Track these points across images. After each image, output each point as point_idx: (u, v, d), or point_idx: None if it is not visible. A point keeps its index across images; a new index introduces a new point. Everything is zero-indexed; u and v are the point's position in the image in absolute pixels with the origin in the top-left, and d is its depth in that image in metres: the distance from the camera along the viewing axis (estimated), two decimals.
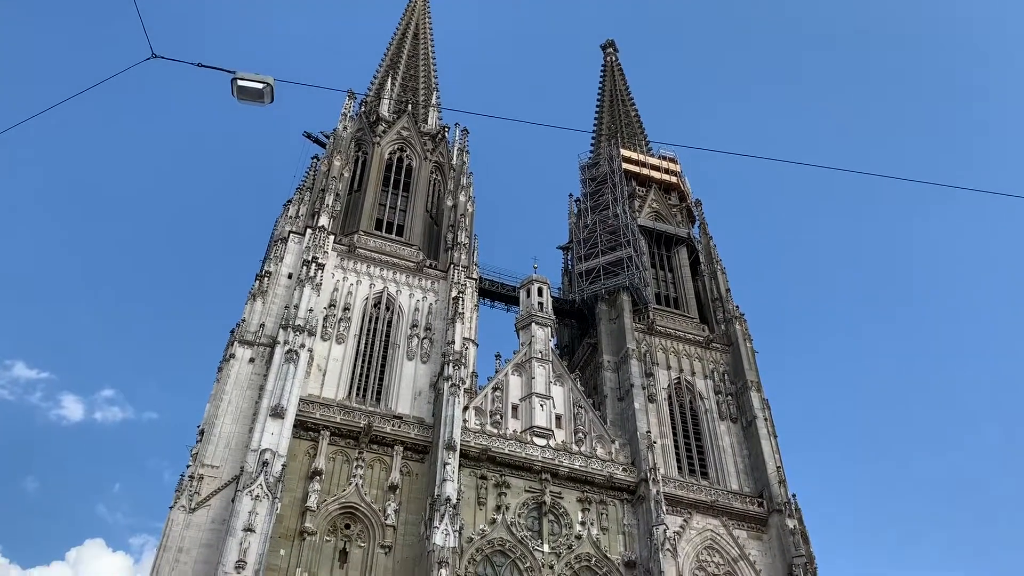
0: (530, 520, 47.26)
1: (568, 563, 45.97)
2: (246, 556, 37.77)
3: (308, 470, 44.59)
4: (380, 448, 46.90)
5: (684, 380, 58.12)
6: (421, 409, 49.61)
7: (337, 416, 47.05)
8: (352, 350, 51.47)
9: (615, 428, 53.46)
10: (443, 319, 54.24)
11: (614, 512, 49.17)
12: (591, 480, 49.61)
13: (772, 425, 55.88)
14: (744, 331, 61.08)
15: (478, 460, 47.95)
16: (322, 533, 42.86)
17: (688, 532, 49.31)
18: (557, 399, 53.17)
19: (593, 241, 63.96)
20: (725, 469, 53.82)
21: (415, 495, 45.48)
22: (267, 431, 42.68)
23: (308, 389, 47.66)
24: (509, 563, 45.09)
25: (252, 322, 50.00)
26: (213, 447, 43.85)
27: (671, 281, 66.72)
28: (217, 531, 40.27)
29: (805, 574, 47.27)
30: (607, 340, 59.18)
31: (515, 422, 51.24)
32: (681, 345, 60.19)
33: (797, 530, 49.54)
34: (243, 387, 46.75)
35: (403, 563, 42.83)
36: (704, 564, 48.65)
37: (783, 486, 51.91)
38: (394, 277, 56.20)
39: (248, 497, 39.66)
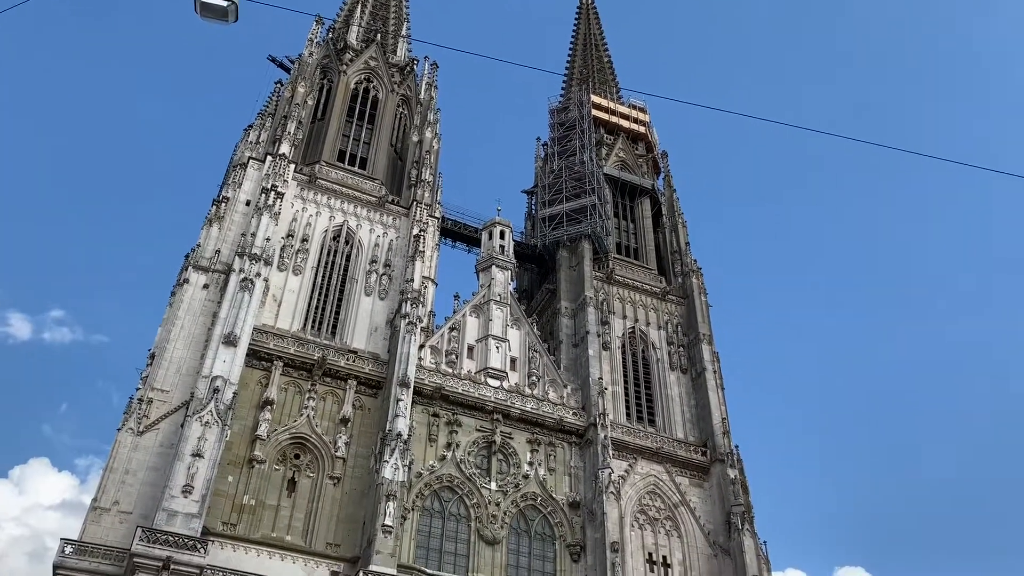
0: (479, 458, 47.98)
1: (514, 501, 46.92)
2: (194, 481, 37.82)
3: (259, 399, 44.52)
4: (333, 381, 46.93)
5: (639, 330, 58.90)
6: (377, 345, 49.59)
7: (291, 347, 46.84)
8: (309, 282, 51.01)
9: (568, 373, 54.15)
10: (403, 256, 53.92)
11: (562, 454, 50.12)
12: (541, 422, 50.38)
13: (720, 377, 57.17)
14: (700, 285, 61.90)
15: (431, 398, 48.31)
16: (271, 462, 43.04)
17: (632, 477, 50.55)
18: (513, 342, 53.55)
19: (558, 187, 63.77)
20: (672, 418, 55.04)
21: (366, 429, 45.77)
22: (219, 358, 42.38)
23: (262, 319, 47.27)
24: (457, 499, 45.86)
25: (207, 248, 49.15)
26: (164, 371, 43.43)
27: (633, 232, 67.08)
28: (165, 455, 40.16)
29: (742, 523, 48.90)
30: (566, 287, 59.53)
31: (470, 363, 51.57)
32: (638, 295, 60.83)
33: (737, 480, 51.08)
34: (196, 313, 46.18)
35: (351, 495, 43.30)
36: (646, 508, 50.04)
37: (727, 437, 53.33)
38: (355, 211, 55.52)
39: (198, 423, 39.54)
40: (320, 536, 41.61)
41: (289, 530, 41.38)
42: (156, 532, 35.78)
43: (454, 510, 45.53)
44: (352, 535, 41.89)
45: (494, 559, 44.30)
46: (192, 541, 36.08)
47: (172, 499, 37.19)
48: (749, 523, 49.17)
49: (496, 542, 44.82)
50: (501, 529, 45.45)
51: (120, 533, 37.72)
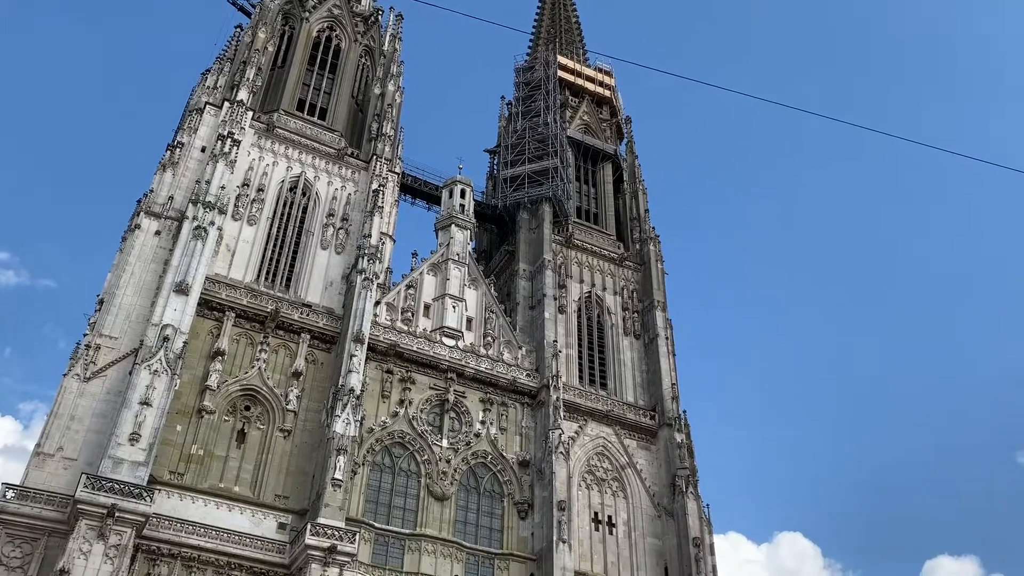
0: (432, 416, 48.20)
1: (465, 458, 47.34)
2: (141, 429, 37.38)
3: (210, 349, 43.99)
4: (286, 334, 46.53)
5: (595, 294, 59.34)
6: (331, 300, 49.20)
7: (244, 298, 46.23)
8: (264, 233, 50.22)
9: (524, 335, 54.45)
10: (361, 211, 53.31)
11: (514, 414, 50.59)
12: (495, 382, 50.70)
13: (672, 344, 58.02)
14: (657, 252, 62.43)
15: (385, 355, 48.23)
16: (221, 413, 42.70)
17: (582, 438, 51.31)
18: (470, 302, 53.57)
19: (521, 148, 63.41)
20: (624, 382, 55.82)
21: (319, 383, 45.59)
22: (170, 307, 41.68)
23: (215, 268, 46.50)
24: (408, 455, 46.11)
25: (160, 194, 47.97)
26: (112, 318, 42.56)
27: (593, 196, 67.20)
28: (112, 402, 39.54)
29: (687, 486, 50.07)
30: (525, 249, 59.57)
31: (426, 321, 51.51)
32: (596, 260, 61.17)
33: (684, 444, 52.19)
34: (147, 260, 45.19)
35: (301, 448, 43.24)
36: (594, 468, 50.91)
37: (676, 402, 54.33)
38: (313, 162, 54.58)
39: (146, 371, 38.96)
40: (269, 488, 41.56)
41: (237, 481, 41.23)
42: (101, 479, 35.34)
43: (404, 466, 45.79)
44: (301, 488, 41.92)
45: (443, 515, 44.77)
46: (138, 489, 35.74)
47: (118, 447, 36.73)
48: (693, 486, 50.36)
49: (445, 498, 45.27)
50: (451, 486, 45.87)
51: (64, 479, 37.20)
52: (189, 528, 38.06)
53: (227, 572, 37.99)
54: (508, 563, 45.11)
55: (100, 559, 33.92)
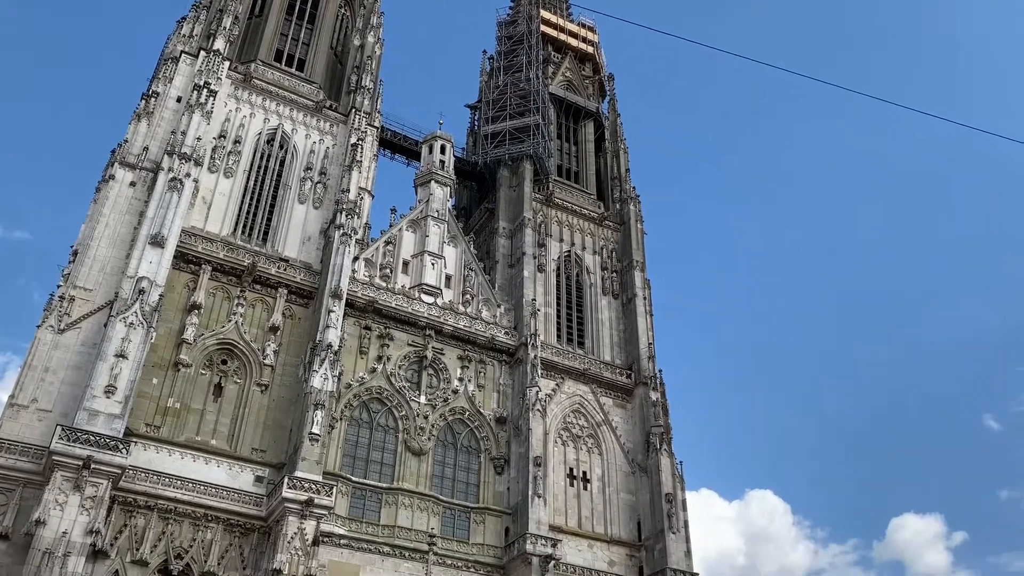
0: (410, 372, 48.34)
1: (442, 415, 47.65)
2: (116, 382, 37.19)
3: (186, 303, 43.68)
4: (263, 289, 46.27)
5: (574, 254, 59.40)
6: (309, 255, 48.87)
7: (220, 252, 45.80)
8: (240, 186, 49.59)
9: (502, 293, 54.50)
10: (339, 165, 52.73)
11: (492, 371, 50.86)
12: (473, 340, 50.85)
13: (650, 304, 58.38)
14: (637, 212, 62.45)
15: (364, 311, 48.13)
16: (197, 366, 42.55)
17: (559, 395, 51.77)
18: (449, 259, 53.43)
19: (502, 103, 62.78)
20: (601, 341, 56.21)
21: (296, 338, 45.49)
22: (145, 259, 41.21)
23: (191, 221, 45.96)
24: (385, 410, 46.31)
25: (135, 144, 47.07)
26: (87, 269, 42.01)
27: (574, 155, 66.86)
28: (87, 355, 39.23)
29: (661, 443, 50.81)
30: (505, 206, 59.33)
31: (405, 278, 51.36)
32: (576, 219, 61.09)
33: (659, 402, 52.84)
34: (122, 211, 44.51)
35: (279, 402, 43.29)
36: (570, 425, 51.48)
37: (652, 361, 54.84)
38: (291, 114, 53.76)
39: (122, 324, 38.63)
40: (246, 441, 41.65)
41: (214, 434, 41.26)
42: (76, 431, 35.22)
43: (382, 421, 46.02)
44: (278, 442, 42.05)
45: (420, 469, 45.17)
46: (114, 441, 35.67)
47: (94, 399, 36.56)
48: (667, 444, 51.11)
49: (422, 453, 45.63)
50: (428, 441, 46.21)
51: (38, 431, 37.02)
52: (166, 480, 38.14)
53: (204, 524, 38.21)
54: (484, 517, 45.73)
55: (76, 510, 33.96)
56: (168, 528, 37.46)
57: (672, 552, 46.82)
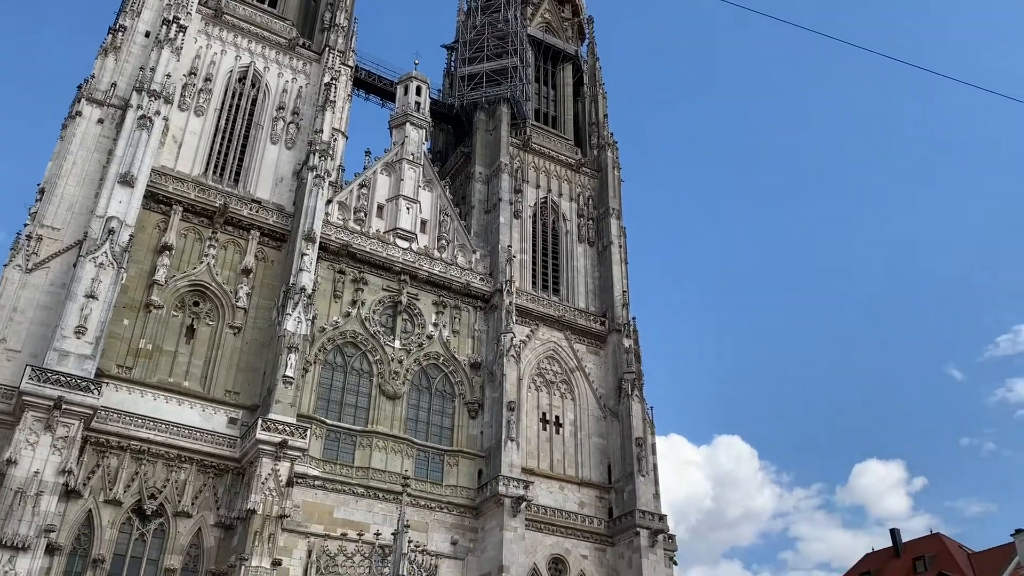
0: (384, 317, 48.29)
1: (417, 359, 47.81)
2: (87, 323, 36.77)
3: (157, 244, 43.07)
4: (236, 231, 45.70)
5: (551, 200, 59.17)
6: (282, 196, 48.22)
7: (192, 192, 45.05)
8: (212, 125, 48.57)
9: (478, 239, 54.32)
10: (312, 105, 51.74)
11: (467, 317, 50.96)
12: (448, 286, 50.80)
13: (625, 252, 58.58)
14: (614, 159, 62.16)
15: (338, 255, 47.79)
16: (169, 308, 42.17)
17: (533, 342, 52.11)
18: (424, 204, 52.99)
19: (479, 44, 61.68)
20: (576, 288, 56.44)
21: (269, 281, 45.15)
22: (115, 198, 40.40)
23: (161, 160, 45.05)
24: (360, 354, 46.36)
25: (103, 80, 45.71)
26: (54, 208, 41.12)
27: (552, 99, 66.11)
28: (56, 295, 38.66)
29: (632, 389, 51.52)
30: (481, 151, 58.74)
31: (379, 222, 50.92)
32: (553, 165, 60.71)
33: (631, 349, 53.41)
34: (90, 149, 43.43)
35: (252, 345, 43.14)
36: (544, 371, 51.95)
37: (626, 309, 55.25)
38: (263, 52, 52.46)
39: (91, 264, 38.03)
40: (219, 383, 41.56)
41: (187, 376, 41.12)
42: (47, 371, 34.89)
43: (356, 365, 46.09)
44: (252, 384, 42.03)
45: (394, 412, 45.46)
46: (85, 382, 35.40)
47: (64, 339, 36.16)
48: (639, 389, 51.82)
49: (397, 397, 45.88)
50: (403, 385, 46.43)
51: (8, 371, 36.62)
52: (138, 421, 38.06)
53: (177, 465, 38.30)
54: (458, 459, 46.31)
55: (47, 450, 33.85)
56: (141, 468, 37.51)
57: (641, 494, 47.84)
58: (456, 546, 43.91)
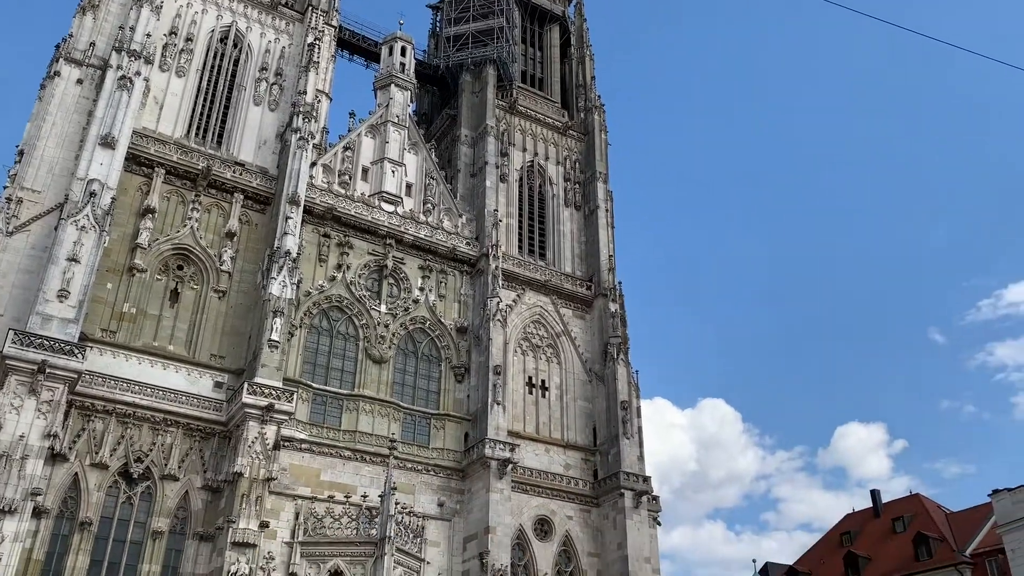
0: (370, 281, 48.16)
1: (403, 324, 47.81)
2: (70, 286, 36.44)
3: (140, 207, 42.62)
4: (219, 194, 45.27)
5: (537, 164, 58.86)
6: (265, 159, 47.73)
7: (174, 154, 44.49)
8: (193, 86, 47.83)
9: (464, 203, 54.05)
10: (296, 66, 51.00)
11: (453, 282, 50.91)
12: (434, 250, 50.65)
13: (612, 216, 58.53)
14: (601, 122, 61.78)
15: (322, 218, 47.47)
16: (153, 271, 41.88)
17: (519, 306, 52.19)
18: (410, 167, 52.59)
19: (465, 4, 60.78)
20: (562, 253, 56.43)
21: (253, 244, 44.88)
22: (95, 160, 39.82)
23: (143, 122, 44.40)
24: (345, 319, 46.29)
25: (81, 39, 44.82)
26: (34, 170, 40.49)
27: (539, 60, 65.39)
28: (38, 258, 38.24)
29: (618, 353, 51.82)
30: (467, 113, 58.20)
31: (364, 185, 50.53)
32: (539, 128, 60.26)
33: (617, 314, 53.63)
34: (69, 110, 42.71)
35: (237, 309, 42.98)
36: (530, 336, 52.13)
37: (612, 273, 55.37)
38: (245, 11, 51.52)
39: (73, 227, 37.60)
40: (204, 347, 41.46)
41: (172, 340, 40.96)
42: (30, 335, 34.64)
43: (342, 329, 46.05)
44: (237, 348, 41.95)
45: (380, 376, 45.56)
46: (68, 346, 35.19)
47: (46, 303, 35.87)
48: (624, 353, 52.14)
49: (383, 361, 45.93)
50: (389, 349, 46.47)
51: None
52: (123, 385, 37.96)
53: (163, 428, 38.32)
54: (444, 423, 46.58)
55: (32, 414, 33.75)
56: (127, 432, 37.51)
57: (626, 456, 48.37)
58: (443, 507, 44.35)
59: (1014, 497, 47.07)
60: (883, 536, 63.01)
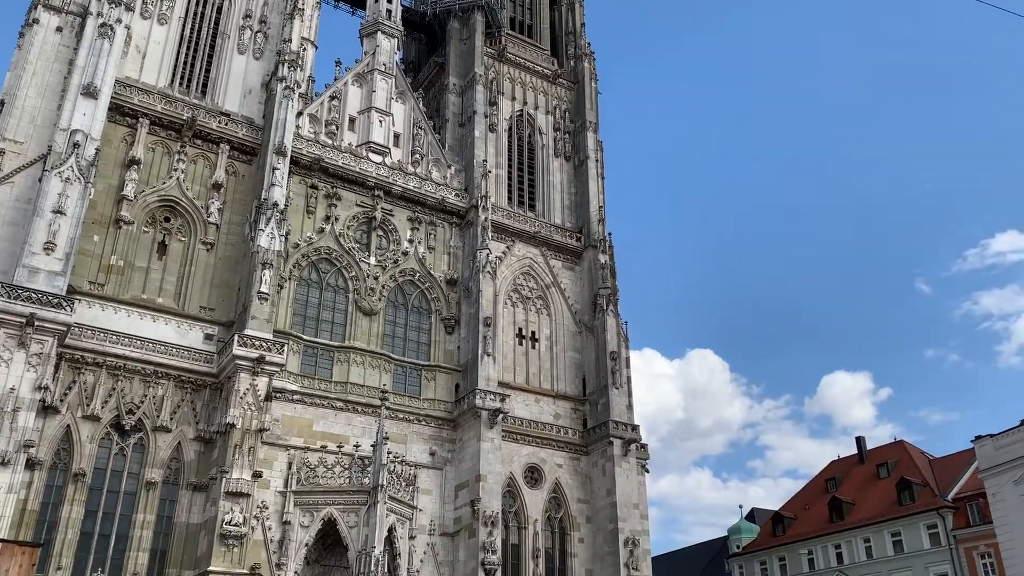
0: (359, 233, 47.90)
1: (393, 276, 47.72)
2: (56, 239, 36.09)
3: (124, 158, 42.07)
4: (205, 144, 44.69)
5: (527, 113, 58.19)
6: (251, 109, 47.03)
7: (158, 104, 43.78)
8: (176, 34, 46.84)
9: (453, 153, 53.56)
10: (280, 13, 49.92)
11: (442, 233, 50.71)
12: (423, 201, 50.32)
13: (602, 167, 58.12)
14: (592, 70, 60.96)
15: (309, 169, 47.00)
16: (140, 223, 41.52)
17: (509, 258, 52.12)
18: (397, 117, 51.95)
19: None
20: (552, 204, 56.15)
21: (240, 196, 44.48)
22: (78, 111, 39.13)
23: (125, 71, 43.56)
24: (335, 271, 46.15)
25: None
26: (16, 121, 39.73)
27: (528, 7, 64.11)
28: (23, 210, 37.74)
29: (607, 304, 51.99)
30: (455, 61, 57.33)
31: (351, 135, 49.94)
32: (529, 77, 59.42)
33: (607, 265, 53.67)
34: (49, 59, 41.78)
35: (225, 261, 42.77)
36: (519, 287, 52.16)
37: (602, 224, 55.23)
38: None
39: (57, 178, 37.11)
40: (193, 300, 41.34)
41: (160, 292, 40.80)
42: (17, 288, 34.39)
43: (332, 281, 45.94)
44: (227, 300, 41.86)
45: (371, 328, 45.62)
46: (56, 299, 35.00)
47: (33, 256, 35.55)
48: (614, 305, 52.30)
49: (373, 313, 45.95)
50: (379, 301, 46.46)
51: None
52: (113, 338, 37.91)
53: (154, 381, 38.40)
54: (435, 374, 46.82)
55: (22, 367, 33.70)
56: (118, 385, 37.59)
57: (615, 405, 48.87)
58: (435, 456, 44.85)
59: (997, 443, 47.93)
60: (867, 482, 64.27)
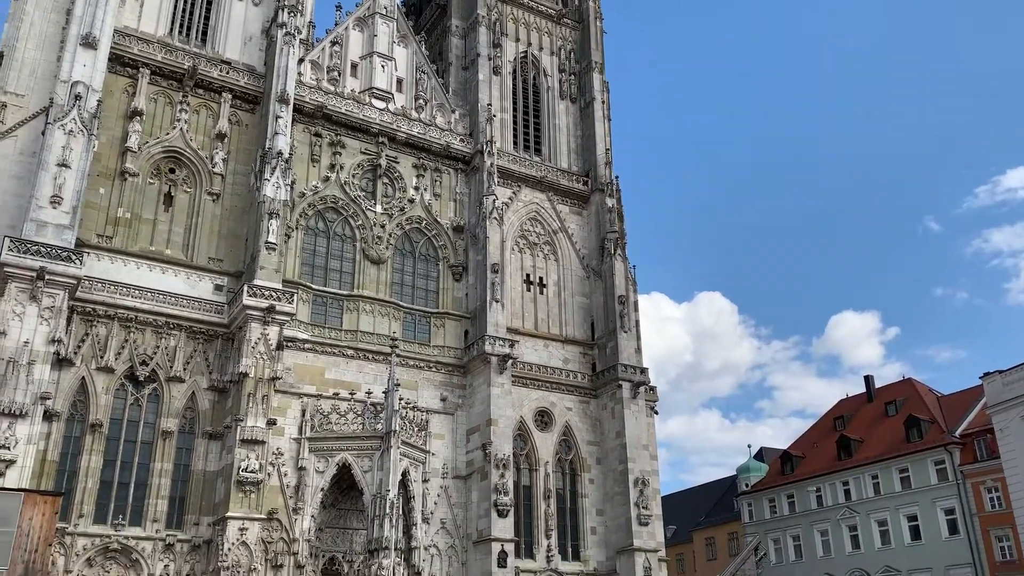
0: (364, 181, 47.66)
1: (399, 224, 47.62)
2: (62, 192, 36.06)
3: (127, 109, 41.76)
4: (207, 94, 44.27)
5: (531, 55, 57.24)
6: (252, 56, 46.45)
7: (158, 54, 43.26)
8: None
9: (457, 97, 52.91)
10: None
11: (448, 180, 50.41)
12: (428, 147, 49.92)
13: (608, 108, 57.33)
14: (596, 9, 59.74)
15: (313, 116, 46.57)
16: (145, 175, 41.40)
17: (515, 204, 51.85)
18: (399, 61, 51.23)
19: None
20: (558, 147, 55.61)
21: (244, 145, 44.21)
22: (78, 62, 38.71)
23: (124, 20, 42.95)
24: (341, 220, 46.07)
25: None
26: (16, 74, 39.37)
27: None
28: (27, 164, 37.70)
29: (615, 248, 51.86)
30: (457, 2, 56.19)
31: (354, 81, 49.34)
32: (532, 17, 58.28)
33: (614, 209, 53.35)
34: (47, 9, 41.15)
35: (232, 211, 42.74)
36: (527, 233, 52.01)
37: (609, 167, 54.75)
38: None
39: (60, 131, 36.90)
40: (201, 251, 41.43)
41: (168, 244, 40.89)
42: (26, 242, 34.51)
43: (339, 230, 45.89)
44: (235, 251, 41.95)
45: (379, 277, 45.72)
46: (66, 252, 35.13)
47: (40, 209, 35.56)
48: (621, 248, 52.17)
49: (381, 261, 45.99)
50: (386, 250, 46.45)
51: None
52: (123, 290, 38.12)
53: (166, 332, 38.73)
54: (444, 321, 47.04)
55: (35, 320, 34.02)
56: (131, 336, 37.93)
57: (623, 349, 49.11)
58: (446, 402, 45.34)
59: (1005, 379, 48.11)
60: (875, 420, 64.74)
